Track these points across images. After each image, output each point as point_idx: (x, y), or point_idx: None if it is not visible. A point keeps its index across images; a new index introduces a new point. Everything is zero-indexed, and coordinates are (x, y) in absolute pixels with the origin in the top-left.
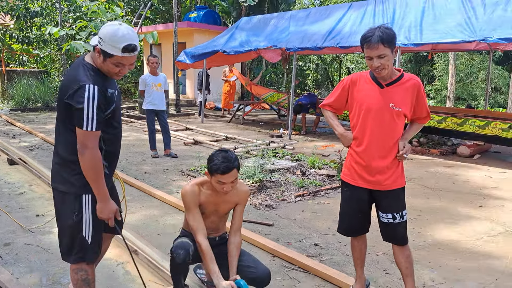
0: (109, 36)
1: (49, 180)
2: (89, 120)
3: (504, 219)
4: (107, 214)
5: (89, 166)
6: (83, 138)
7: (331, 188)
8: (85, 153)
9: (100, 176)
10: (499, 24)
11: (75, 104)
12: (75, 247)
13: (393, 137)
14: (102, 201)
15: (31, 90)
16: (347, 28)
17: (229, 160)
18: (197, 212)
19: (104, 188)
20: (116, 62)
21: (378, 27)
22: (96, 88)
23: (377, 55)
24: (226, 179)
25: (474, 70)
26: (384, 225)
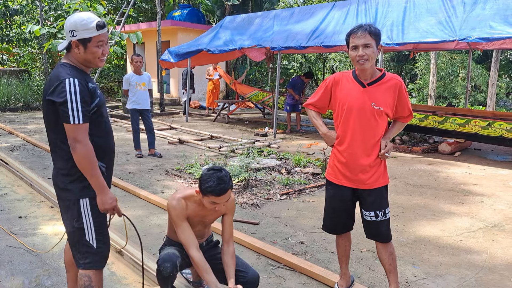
0: (79, 23)
1: (31, 181)
2: (74, 112)
3: (483, 215)
4: (110, 204)
5: (82, 159)
6: (72, 133)
7: (316, 186)
8: (77, 147)
9: (95, 168)
10: (478, 23)
11: (57, 98)
12: (80, 253)
13: (375, 136)
14: (102, 192)
15: (11, 90)
16: (331, 28)
17: (224, 181)
18: (186, 226)
19: (101, 179)
20: (97, 43)
21: (365, 23)
22: (77, 80)
23: (363, 43)
24: (220, 200)
25: (455, 69)
26: (367, 222)
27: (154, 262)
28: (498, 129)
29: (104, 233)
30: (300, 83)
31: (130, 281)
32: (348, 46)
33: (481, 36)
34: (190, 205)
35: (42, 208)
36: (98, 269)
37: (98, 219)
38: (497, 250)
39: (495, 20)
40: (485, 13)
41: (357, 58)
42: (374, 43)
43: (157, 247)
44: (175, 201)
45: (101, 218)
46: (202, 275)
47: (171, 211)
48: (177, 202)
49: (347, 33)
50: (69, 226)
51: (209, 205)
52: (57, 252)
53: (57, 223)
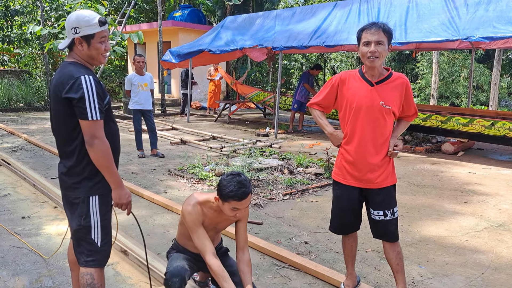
0: (81, 19)
1: (34, 181)
2: (92, 108)
3: (488, 214)
4: (126, 199)
5: (101, 155)
6: (90, 129)
7: (319, 186)
8: (95, 143)
9: (112, 164)
10: (481, 23)
11: (74, 95)
12: (84, 251)
13: (383, 135)
14: (118, 187)
15: (12, 90)
16: (333, 27)
17: (244, 185)
18: (202, 232)
19: (117, 174)
20: (100, 39)
21: (379, 22)
22: (91, 77)
23: (376, 40)
24: (241, 205)
25: (457, 68)
26: (375, 222)
27: (159, 262)
28: (502, 128)
29: (109, 232)
30: (310, 77)
31: (135, 281)
32: (359, 41)
33: (485, 35)
34: (206, 211)
35: (46, 208)
36: (101, 268)
37: (104, 218)
38: (503, 249)
39: (498, 21)
40: (488, 15)
41: (369, 54)
42: (386, 41)
43: (161, 247)
44: (190, 207)
45: (107, 217)
46: (221, 284)
47: (186, 216)
48: (193, 207)
49: (359, 29)
50: (75, 224)
51: (229, 212)
52: (61, 252)
53: (60, 223)
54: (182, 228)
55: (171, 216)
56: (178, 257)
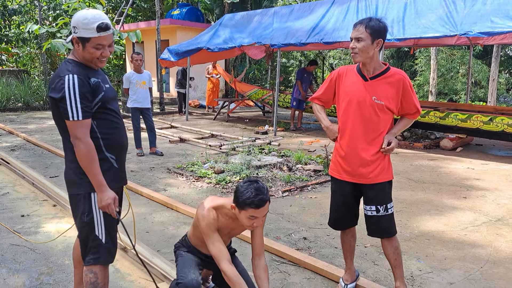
0: (81, 20)
1: (33, 180)
2: (73, 109)
3: (487, 209)
4: (105, 201)
5: (81, 156)
6: (72, 129)
7: (318, 183)
8: (76, 144)
9: (94, 165)
10: (479, 18)
11: (56, 94)
12: (89, 248)
13: (376, 130)
14: (99, 190)
15: (10, 90)
16: (331, 24)
17: (262, 192)
18: (217, 237)
19: (99, 177)
20: (95, 45)
21: (374, 17)
22: (76, 76)
23: (355, 37)
24: (259, 213)
25: (455, 65)
26: (367, 218)
27: (158, 258)
28: (500, 124)
29: (113, 229)
30: (306, 74)
31: (134, 277)
32: None
33: (483, 31)
34: (221, 217)
35: (45, 207)
36: (105, 265)
37: (108, 214)
38: (502, 243)
39: (496, 15)
40: (486, 8)
41: (350, 50)
42: (368, 38)
43: (160, 244)
44: (205, 211)
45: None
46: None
47: (201, 220)
48: (208, 212)
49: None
50: (79, 221)
51: (246, 221)
52: (61, 249)
53: (60, 221)
54: (195, 231)
55: (170, 213)
56: (190, 262)
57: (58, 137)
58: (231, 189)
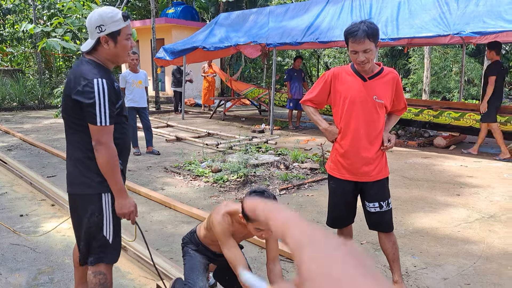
0: (105, 16)
1: (31, 180)
2: (102, 114)
3: (479, 206)
4: (128, 209)
5: (105, 162)
6: (97, 134)
7: (314, 181)
8: (101, 149)
9: (117, 171)
10: (472, 18)
11: (85, 99)
12: (95, 248)
13: (376, 128)
14: (121, 196)
15: (5, 89)
16: (326, 23)
17: None
18: (233, 243)
19: (121, 183)
20: (126, 35)
21: (363, 21)
22: (105, 81)
23: (362, 49)
24: (265, 226)
25: (448, 63)
26: (370, 214)
27: (159, 258)
28: None
29: (119, 229)
30: (295, 72)
31: (134, 276)
32: (347, 44)
33: (476, 30)
34: (235, 222)
35: (43, 206)
36: (111, 264)
37: (114, 214)
38: (494, 240)
39: (488, 16)
40: (478, 9)
41: (358, 61)
42: (373, 45)
43: (159, 242)
44: (220, 216)
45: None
46: None
47: (216, 226)
48: (223, 217)
49: (345, 31)
50: (87, 222)
51: (254, 232)
52: (61, 248)
53: (59, 221)
54: (208, 233)
55: (168, 212)
56: (199, 266)
57: (54, 137)
58: (229, 188)
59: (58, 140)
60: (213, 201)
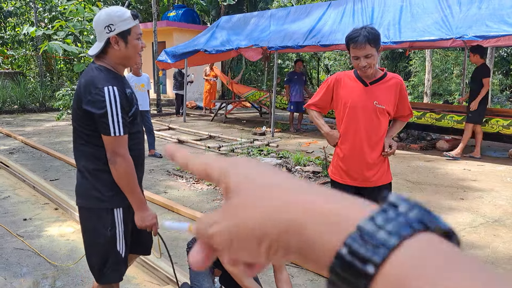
0: (114, 15)
1: (34, 183)
2: (115, 124)
3: (484, 210)
4: (150, 221)
5: (123, 174)
6: (112, 145)
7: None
8: (117, 161)
9: (136, 184)
10: (474, 22)
11: (96, 110)
12: (109, 264)
13: (377, 134)
14: (141, 209)
15: (6, 92)
16: (327, 27)
17: None
18: None
19: (140, 195)
20: (136, 35)
21: (364, 27)
22: (116, 89)
23: (364, 55)
24: None
25: (449, 66)
26: None
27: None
28: (495, 125)
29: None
30: (296, 75)
31: (139, 280)
32: (348, 50)
33: (478, 34)
34: None
35: (47, 210)
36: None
37: (126, 228)
38: (499, 244)
39: (491, 19)
40: (481, 13)
41: (360, 67)
42: (374, 51)
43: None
44: None
45: (127, 227)
46: None
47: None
48: None
49: (346, 36)
50: (97, 236)
51: None
52: (65, 253)
53: (62, 225)
54: None
55: (171, 216)
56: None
57: (56, 140)
58: None
59: (60, 143)
60: (216, 205)
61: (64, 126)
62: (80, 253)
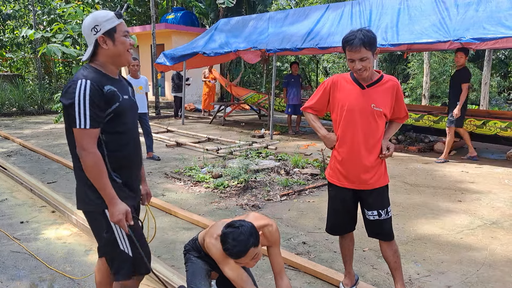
0: (98, 17)
1: (31, 186)
2: (81, 116)
3: (481, 212)
4: (116, 216)
5: (88, 167)
6: (79, 138)
7: (315, 186)
8: (82, 154)
9: (103, 177)
10: (472, 24)
11: (65, 100)
12: (117, 264)
13: (375, 136)
14: (110, 204)
15: (5, 95)
16: (326, 29)
17: (241, 241)
18: (233, 263)
19: (109, 189)
20: (123, 32)
21: (360, 30)
22: (89, 82)
23: (359, 58)
24: (243, 261)
25: (447, 68)
26: (369, 222)
27: (159, 264)
28: (493, 127)
29: (137, 238)
30: (293, 78)
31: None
32: (345, 52)
33: (475, 37)
34: None
35: (44, 213)
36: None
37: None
38: (497, 246)
39: (488, 22)
40: (478, 15)
41: (355, 70)
42: (370, 54)
43: (160, 250)
44: (213, 240)
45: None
46: None
47: (211, 249)
48: (216, 242)
49: (343, 39)
50: (100, 239)
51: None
52: (62, 256)
53: (59, 228)
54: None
55: (169, 219)
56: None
57: (54, 142)
58: (229, 193)
59: (58, 145)
60: (214, 207)
61: (62, 128)
62: (76, 255)
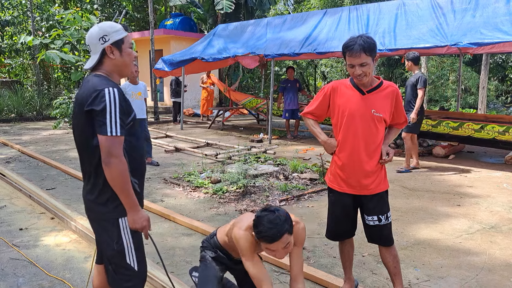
0: (107, 27)
1: (30, 193)
2: (112, 123)
3: (480, 217)
4: (141, 223)
5: (116, 175)
6: (107, 146)
7: (314, 191)
8: (111, 162)
9: (128, 185)
10: (469, 30)
11: (96, 107)
12: (121, 277)
13: (375, 142)
14: (134, 210)
15: (3, 101)
16: (323, 35)
17: (276, 224)
18: (257, 259)
19: (133, 197)
20: (129, 44)
21: (360, 36)
22: (116, 90)
23: (359, 63)
24: (274, 247)
25: (445, 72)
26: (369, 227)
27: (158, 270)
28: (491, 131)
29: (143, 252)
30: (289, 83)
31: None
32: (344, 57)
33: (472, 41)
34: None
35: (43, 220)
36: None
37: (136, 239)
38: (496, 251)
39: (485, 27)
40: (475, 21)
41: (355, 75)
42: (370, 59)
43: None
44: (242, 232)
45: (139, 238)
46: None
47: (239, 241)
48: (244, 233)
49: (343, 45)
50: (108, 249)
51: (266, 251)
52: (61, 263)
53: (59, 234)
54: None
55: (168, 224)
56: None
57: (53, 148)
58: (228, 199)
59: (57, 151)
60: (213, 213)
61: (61, 134)
62: (76, 262)
